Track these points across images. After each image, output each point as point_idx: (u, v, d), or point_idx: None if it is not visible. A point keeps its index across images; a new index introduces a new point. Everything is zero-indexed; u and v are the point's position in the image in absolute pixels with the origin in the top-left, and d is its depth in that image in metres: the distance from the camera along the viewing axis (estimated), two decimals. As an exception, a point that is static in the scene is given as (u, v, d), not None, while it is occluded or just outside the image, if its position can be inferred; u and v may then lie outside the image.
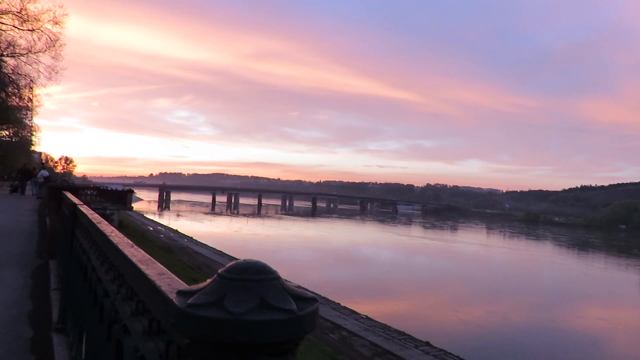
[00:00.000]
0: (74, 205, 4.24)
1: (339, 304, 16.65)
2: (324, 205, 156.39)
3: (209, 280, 0.73)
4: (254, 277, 0.71)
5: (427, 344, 13.08)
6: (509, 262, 41.28)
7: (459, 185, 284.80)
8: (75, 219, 4.11)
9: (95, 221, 2.75)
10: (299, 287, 0.80)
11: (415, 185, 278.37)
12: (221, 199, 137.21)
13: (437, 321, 17.87)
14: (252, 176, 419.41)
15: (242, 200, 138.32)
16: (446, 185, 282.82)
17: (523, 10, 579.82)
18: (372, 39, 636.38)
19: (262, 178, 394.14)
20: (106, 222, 2.65)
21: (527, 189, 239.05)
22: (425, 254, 42.19)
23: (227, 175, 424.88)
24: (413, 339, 13.22)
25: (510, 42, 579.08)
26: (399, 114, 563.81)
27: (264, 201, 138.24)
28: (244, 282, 0.69)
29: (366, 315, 15.48)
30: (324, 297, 16.66)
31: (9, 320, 4.75)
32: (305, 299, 0.73)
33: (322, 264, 30.99)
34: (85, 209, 3.71)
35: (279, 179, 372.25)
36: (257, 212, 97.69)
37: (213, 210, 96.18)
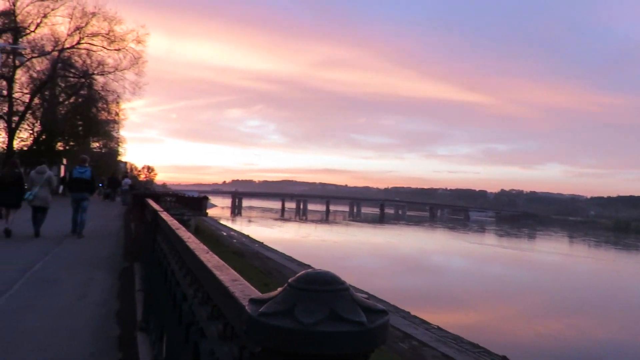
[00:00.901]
0: (156, 211, 4.52)
1: (408, 312, 16.27)
2: (392, 211, 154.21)
3: (279, 289, 0.74)
4: (323, 288, 0.70)
5: (504, 358, 12.41)
6: (593, 273, 38.15)
7: (536, 190, 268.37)
8: (157, 225, 4.37)
9: (174, 227, 2.91)
10: (369, 297, 0.78)
11: (489, 191, 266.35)
12: (290, 205, 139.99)
13: (513, 334, 16.91)
14: (320, 183, 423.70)
15: (310, 207, 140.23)
16: (522, 191, 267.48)
17: (602, 2, 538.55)
18: (439, 40, 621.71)
19: (329, 184, 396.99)
20: (184, 229, 2.80)
21: (615, 195, 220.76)
22: (500, 263, 40.14)
23: (296, 182, 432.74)
24: (489, 353, 12.60)
25: (590, 37, 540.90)
26: (469, 117, 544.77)
27: (331, 207, 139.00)
28: (314, 292, 0.69)
29: (437, 326, 14.99)
30: (393, 305, 16.37)
31: (99, 318, 5.16)
32: (376, 311, 0.72)
33: (391, 272, 30.52)
34: (165, 215, 3.95)
35: (346, 185, 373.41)
36: (325, 219, 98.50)
37: (282, 216, 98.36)
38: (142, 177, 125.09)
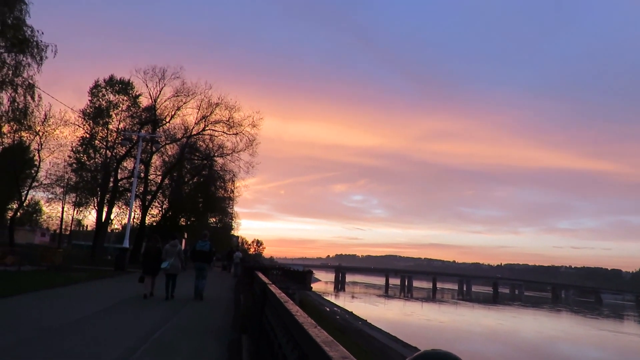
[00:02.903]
0: (265, 284, 4.75)
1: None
2: (506, 291, 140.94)
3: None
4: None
5: None
6: None
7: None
8: (265, 297, 4.57)
9: (282, 300, 3.05)
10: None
11: (624, 270, 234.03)
12: (394, 281, 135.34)
13: None
14: (425, 258, 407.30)
15: (415, 283, 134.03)
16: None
17: None
18: (554, 106, 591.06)
19: (436, 260, 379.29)
20: (292, 302, 2.92)
21: None
22: (646, 358, 33.93)
23: (400, 257, 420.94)
24: None
25: None
26: (594, 187, 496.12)
27: (438, 285, 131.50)
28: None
29: None
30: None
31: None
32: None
33: (509, 360, 27.36)
34: (273, 287, 4.14)
35: (454, 261, 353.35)
36: (432, 296, 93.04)
37: (386, 292, 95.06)
38: (251, 250, 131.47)
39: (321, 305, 40.94)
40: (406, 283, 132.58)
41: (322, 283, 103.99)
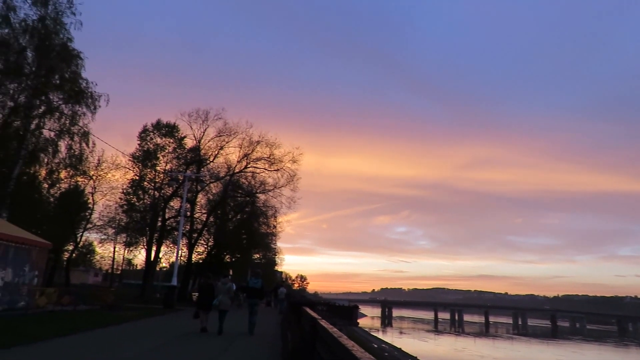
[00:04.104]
0: (314, 319, 4.68)
1: None
2: (566, 324, 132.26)
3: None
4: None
5: None
6: None
7: None
8: (315, 333, 4.50)
9: (335, 335, 2.98)
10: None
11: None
12: (443, 315, 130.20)
13: None
14: (475, 290, 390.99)
15: (466, 317, 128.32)
16: None
17: None
18: (605, 128, 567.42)
19: (487, 292, 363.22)
20: (346, 337, 2.85)
21: None
22: None
23: (448, 289, 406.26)
24: None
25: None
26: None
27: (491, 318, 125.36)
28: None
29: None
30: None
31: None
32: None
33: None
34: (324, 323, 4.07)
35: (506, 293, 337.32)
36: (485, 331, 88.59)
37: (436, 327, 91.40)
38: (295, 285, 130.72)
39: (368, 342, 39.80)
40: (456, 317, 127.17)
41: (368, 318, 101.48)
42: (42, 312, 17.44)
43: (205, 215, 40.97)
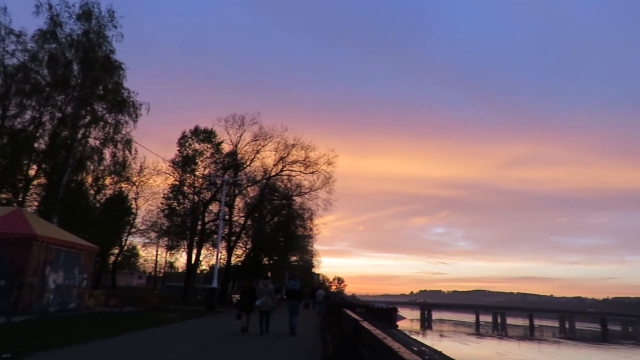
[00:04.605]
0: (356, 321, 4.65)
1: None
2: (617, 328, 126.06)
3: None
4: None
5: None
6: None
7: None
8: (358, 335, 4.47)
9: (380, 337, 2.95)
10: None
11: None
12: (485, 318, 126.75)
13: None
14: (518, 292, 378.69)
15: (509, 320, 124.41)
16: None
17: None
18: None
19: (530, 294, 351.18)
20: (391, 339, 2.82)
21: None
22: None
23: (490, 292, 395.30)
24: None
25: None
26: None
27: (536, 321, 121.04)
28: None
29: None
30: None
31: None
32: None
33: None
34: (367, 325, 4.04)
35: (551, 295, 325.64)
36: (529, 335, 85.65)
37: (477, 330, 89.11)
38: (333, 287, 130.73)
39: (408, 345, 39.26)
40: (499, 320, 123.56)
41: (407, 321, 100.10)
42: (91, 313, 18.18)
43: (243, 218, 41.63)
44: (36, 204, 28.46)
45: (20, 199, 26.79)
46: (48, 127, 27.87)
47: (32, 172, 27.85)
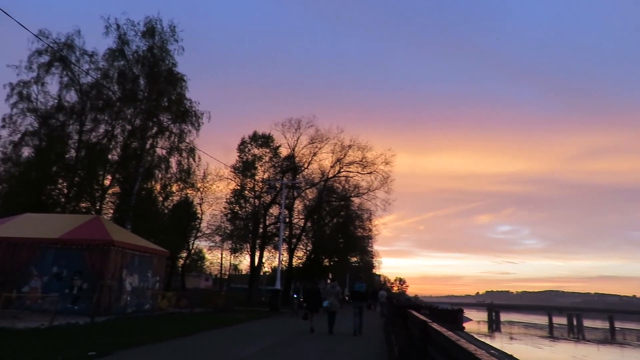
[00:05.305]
0: (424, 322, 4.57)
1: None
2: None
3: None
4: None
5: None
6: None
7: None
8: (427, 336, 4.38)
9: (452, 339, 2.88)
10: None
11: None
12: (559, 320, 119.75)
13: None
14: (595, 293, 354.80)
15: (586, 322, 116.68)
16: None
17: None
18: None
19: (610, 295, 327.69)
20: (464, 340, 2.74)
21: None
22: None
23: (563, 292, 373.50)
24: None
25: None
26: None
27: (617, 324, 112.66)
28: None
29: None
30: None
31: None
32: None
33: None
34: (437, 326, 3.95)
35: (634, 295, 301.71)
36: (611, 338, 79.89)
37: (551, 333, 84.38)
38: (394, 288, 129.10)
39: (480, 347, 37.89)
40: (574, 322, 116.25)
41: (474, 322, 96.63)
42: (164, 314, 19.15)
43: (303, 220, 42.16)
44: (111, 211, 30.46)
45: (97, 207, 28.80)
46: (119, 139, 29.80)
47: (106, 182, 29.86)
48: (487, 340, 51.57)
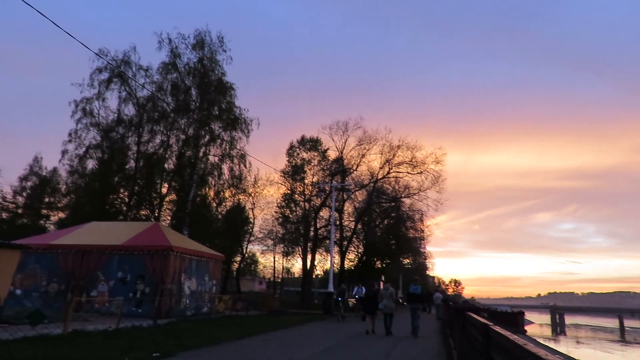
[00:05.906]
0: (486, 325, 4.37)
1: None
2: None
3: None
4: None
5: None
6: None
7: None
8: (489, 341, 4.19)
9: (520, 343, 2.72)
10: None
11: None
12: (631, 323, 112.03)
13: None
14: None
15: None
16: None
17: None
18: None
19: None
20: (533, 345, 2.59)
21: None
22: None
23: (635, 293, 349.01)
24: None
25: None
26: None
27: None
28: None
29: None
30: None
31: None
32: None
33: None
34: (500, 329, 3.77)
35: None
36: (690, 343, 73.65)
37: (622, 337, 79.06)
38: (449, 290, 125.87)
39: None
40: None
41: (536, 326, 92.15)
42: (222, 317, 19.67)
43: (353, 222, 42.03)
44: (169, 218, 31.77)
45: (156, 214, 30.11)
46: (174, 148, 31.06)
47: (164, 190, 31.18)
48: (552, 345, 49.06)
